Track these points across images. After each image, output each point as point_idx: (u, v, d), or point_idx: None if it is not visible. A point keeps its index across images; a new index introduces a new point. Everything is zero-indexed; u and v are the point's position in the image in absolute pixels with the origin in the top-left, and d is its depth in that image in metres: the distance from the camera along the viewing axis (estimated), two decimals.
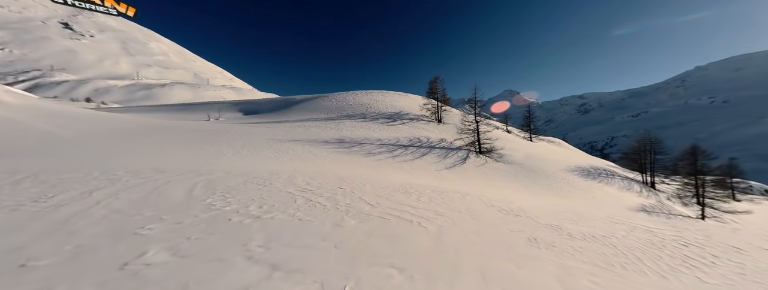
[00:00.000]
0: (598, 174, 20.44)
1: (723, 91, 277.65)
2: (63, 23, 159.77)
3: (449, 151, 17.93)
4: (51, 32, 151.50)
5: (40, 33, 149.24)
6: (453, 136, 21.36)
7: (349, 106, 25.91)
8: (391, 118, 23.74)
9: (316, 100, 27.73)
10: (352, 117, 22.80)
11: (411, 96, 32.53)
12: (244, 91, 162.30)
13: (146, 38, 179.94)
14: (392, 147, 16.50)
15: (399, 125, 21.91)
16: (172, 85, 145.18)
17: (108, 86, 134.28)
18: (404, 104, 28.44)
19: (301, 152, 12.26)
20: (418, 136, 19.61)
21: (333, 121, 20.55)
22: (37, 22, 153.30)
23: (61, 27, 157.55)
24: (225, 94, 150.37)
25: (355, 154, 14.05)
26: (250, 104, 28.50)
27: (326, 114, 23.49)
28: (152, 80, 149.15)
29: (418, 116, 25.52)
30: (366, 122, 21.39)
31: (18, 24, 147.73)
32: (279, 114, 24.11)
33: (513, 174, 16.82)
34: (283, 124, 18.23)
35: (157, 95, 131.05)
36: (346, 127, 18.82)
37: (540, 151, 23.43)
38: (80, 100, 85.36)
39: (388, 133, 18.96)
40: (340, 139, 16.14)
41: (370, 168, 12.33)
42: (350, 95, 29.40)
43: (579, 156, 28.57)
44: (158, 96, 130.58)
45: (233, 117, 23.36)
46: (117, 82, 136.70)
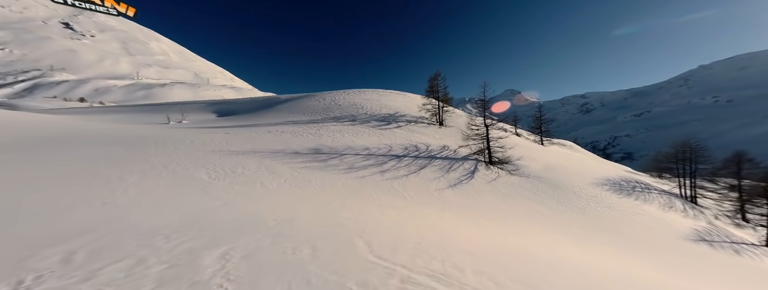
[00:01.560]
0: (632, 188, 16.79)
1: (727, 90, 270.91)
2: (64, 23, 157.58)
3: (453, 162, 14.39)
4: (52, 32, 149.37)
5: (40, 33, 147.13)
6: (457, 141, 17.79)
7: (337, 106, 22.38)
8: (384, 120, 20.19)
9: (302, 100, 24.21)
10: (339, 119, 19.28)
11: (409, 95, 28.93)
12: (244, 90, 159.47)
13: (147, 38, 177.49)
14: (382, 158, 12.99)
15: (393, 129, 18.37)
16: (172, 85, 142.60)
17: (108, 86, 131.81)
18: (401, 104, 24.85)
19: (254, 170, 8.80)
20: (416, 143, 16.06)
21: (315, 125, 17.05)
22: (38, 22, 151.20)
23: (62, 27, 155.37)
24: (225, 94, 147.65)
25: (332, 170, 10.57)
26: (227, 105, 25.11)
27: (309, 116, 19.98)
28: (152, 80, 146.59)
29: (416, 118, 21.94)
30: (354, 126, 17.86)
31: (19, 24, 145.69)
32: (256, 116, 20.67)
33: (533, 192, 13.23)
34: (252, 129, 14.78)
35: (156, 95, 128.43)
36: (329, 133, 15.30)
37: (558, 160, 19.80)
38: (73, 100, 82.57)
39: (378, 140, 15.44)
40: (317, 148, 12.64)
41: (347, 192, 8.84)
42: (341, 94, 25.86)
43: (601, 165, 24.85)
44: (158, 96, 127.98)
45: (203, 119, 20.00)
46: (117, 82, 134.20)
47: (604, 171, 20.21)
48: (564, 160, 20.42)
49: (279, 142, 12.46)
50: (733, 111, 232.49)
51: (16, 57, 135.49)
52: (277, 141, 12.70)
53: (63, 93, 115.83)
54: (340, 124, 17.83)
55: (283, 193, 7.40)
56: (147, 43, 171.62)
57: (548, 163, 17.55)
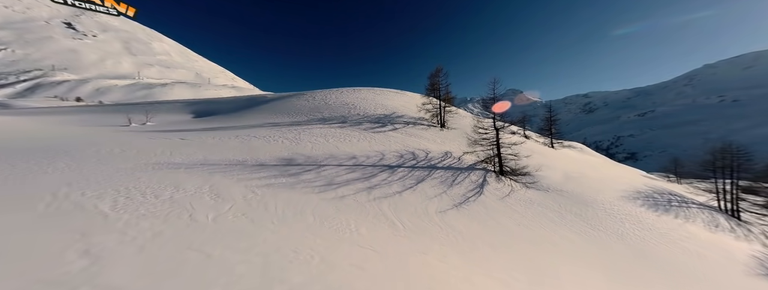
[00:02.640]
0: (668, 202, 14.16)
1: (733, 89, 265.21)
2: (66, 23, 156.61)
3: (457, 174, 11.88)
4: (54, 32, 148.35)
5: (43, 33, 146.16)
6: (461, 147, 15.27)
7: (327, 106, 19.89)
8: (379, 122, 17.68)
9: (289, 100, 21.74)
10: (326, 121, 16.81)
11: (408, 94, 26.39)
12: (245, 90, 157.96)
13: (149, 38, 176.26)
14: (371, 169, 10.52)
15: (388, 132, 15.86)
16: (173, 85, 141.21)
17: (109, 86, 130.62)
18: (398, 104, 22.32)
19: (191, 193, 6.37)
20: (413, 150, 13.56)
21: (296, 128, 14.57)
22: (41, 22, 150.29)
23: (64, 27, 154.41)
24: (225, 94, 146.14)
25: (303, 188, 8.12)
26: (208, 104, 22.72)
27: (293, 117, 17.52)
28: (153, 80, 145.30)
29: (414, 119, 19.42)
30: (343, 129, 15.38)
31: (21, 24, 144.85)
32: (235, 117, 18.25)
33: (556, 210, 10.69)
34: (218, 133, 12.35)
35: (157, 95, 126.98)
36: (310, 137, 12.82)
37: (576, 166, 17.19)
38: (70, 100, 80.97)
39: (369, 146, 12.95)
40: (290, 158, 10.17)
41: (316, 223, 6.39)
42: (333, 93, 23.38)
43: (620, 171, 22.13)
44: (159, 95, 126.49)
45: (175, 120, 17.62)
46: (118, 82, 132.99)
47: (627, 180, 17.58)
48: (582, 167, 17.81)
49: (243, 151, 10.01)
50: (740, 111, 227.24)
51: (19, 57, 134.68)
52: (242, 149, 10.24)
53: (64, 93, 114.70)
54: (327, 127, 15.35)
55: (212, 233, 4.96)
56: (149, 43, 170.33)
57: (567, 172, 14.97)
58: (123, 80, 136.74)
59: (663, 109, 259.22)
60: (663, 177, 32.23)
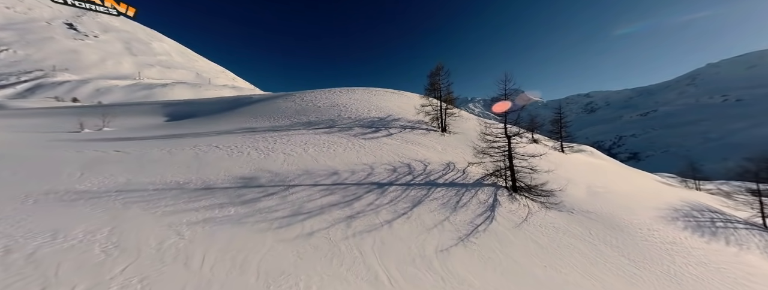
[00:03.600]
0: (711, 222, 11.84)
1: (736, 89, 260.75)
2: (67, 24, 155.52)
3: (462, 192, 9.65)
4: (55, 32, 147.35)
5: (44, 33, 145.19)
6: (464, 155, 13.03)
7: (315, 108, 17.67)
8: (372, 126, 15.45)
9: (275, 101, 19.54)
10: (312, 126, 14.60)
11: (406, 94, 24.12)
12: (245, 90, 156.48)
13: (149, 38, 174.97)
14: (355, 189, 8.31)
15: (381, 139, 13.62)
16: (173, 85, 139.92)
17: (109, 86, 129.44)
18: (395, 106, 20.07)
19: (72, 241, 4.23)
20: (409, 160, 11.32)
21: (273, 135, 12.36)
22: (42, 23, 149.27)
23: (66, 27, 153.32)
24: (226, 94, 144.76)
25: (257, 222, 5.93)
26: (187, 105, 20.54)
27: (275, 121, 15.33)
28: (154, 80, 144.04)
29: (412, 123, 17.18)
30: (330, 135, 13.16)
31: (23, 24, 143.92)
32: (211, 120, 16.10)
33: (587, 240, 8.43)
34: (174, 142, 10.17)
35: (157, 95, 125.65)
36: (285, 147, 10.61)
37: (598, 177, 14.88)
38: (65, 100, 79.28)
39: (356, 157, 10.73)
40: (252, 176, 7.98)
41: (259, 285, 4.23)
42: (324, 94, 21.16)
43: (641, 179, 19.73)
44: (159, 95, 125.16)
45: (144, 124, 15.46)
46: (118, 82, 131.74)
47: (655, 192, 15.27)
48: (603, 177, 15.50)
49: (191, 168, 7.82)
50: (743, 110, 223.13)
51: (20, 57, 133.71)
52: (190, 165, 8.05)
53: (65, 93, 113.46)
54: (310, 133, 13.13)
55: None
56: (149, 44, 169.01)
57: (590, 186, 12.67)
58: (123, 80, 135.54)
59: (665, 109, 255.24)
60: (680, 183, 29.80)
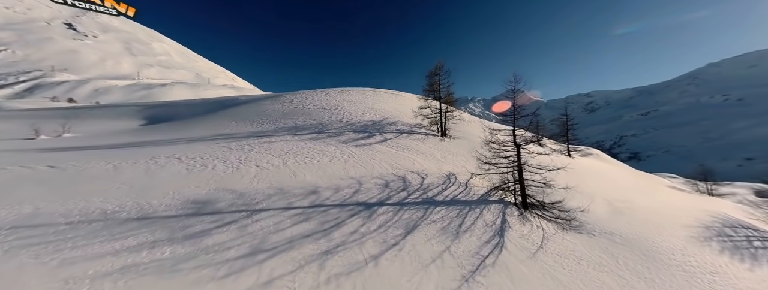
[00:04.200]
0: (747, 240, 10.33)
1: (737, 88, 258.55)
2: (67, 24, 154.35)
3: (464, 210, 8.18)
4: (54, 33, 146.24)
5: (43, 33, 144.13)
6: (467, 164, 11.55)
7: (304, 111, 16.18)
8: (365, 131, 13.96)
9: (262, 103, 18.05)
10: (298, 131, 13.12)
11: (403, 95, 22.61)
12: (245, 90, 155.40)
13: (149, 38, 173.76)
14: (337, 212, 6.85)
15: (375, 145, 12.13)
16: (172, 85, 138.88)
17: (108, 86, 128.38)
18: (392, 108, 18.57)
19: None
20: (404, 172, 9.84)
21: (250, 142, 10.88)
22: (42, 23, 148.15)
23: (65, 27, 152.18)
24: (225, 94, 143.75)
25: (196, 268, 4.49)
26: (168, 108, 19.00)
27: (258, 125, 13.85)
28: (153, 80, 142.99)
29: (409, 127, 15.69)
30: (317, 142, 11.68)
31: (22, 25, 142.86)
32: (189, 124, 14.63)
33: (617, 275, 6.93)
34: (128, 153, 8.69)
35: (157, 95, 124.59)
36: (260, 158, 9.13)
37: (616, 187, 13.37)
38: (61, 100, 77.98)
39: (343, 169, 9.25)
40: (208, 199, 6.50)
41: None
42: (316, 95, 19.67)
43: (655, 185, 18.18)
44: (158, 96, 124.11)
45: (113, 129, 13.99)
46: (117, 82, 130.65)
47: (680, 205, 13.75)
48: (620, 187, 13.99)
49: (134, 188, 6.36)
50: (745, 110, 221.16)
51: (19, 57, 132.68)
52: (135, 183, 6.59)
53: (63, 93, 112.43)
54: (295, 140, 11.65)
55: None
56: (149, 44, 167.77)
57: (610, 200, 11.16)
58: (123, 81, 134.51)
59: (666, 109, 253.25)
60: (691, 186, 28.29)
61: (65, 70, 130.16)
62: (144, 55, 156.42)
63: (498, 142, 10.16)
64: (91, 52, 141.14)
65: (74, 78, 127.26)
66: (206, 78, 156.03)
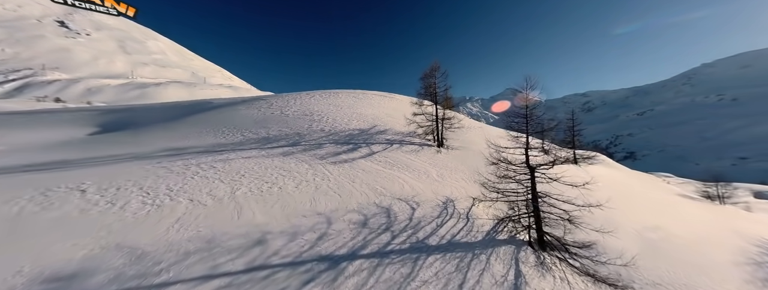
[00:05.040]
0: None
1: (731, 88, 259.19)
2: (59, 22, 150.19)
3: (465, 257, 6.12)
4: (46, 31, 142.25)
5: (34, 31, 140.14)
6: (466, 184, 9.46)
7: (282, 118, 14.01)
8: (349, 142, 11.84)
9: (237, 107, 15.85)
10: (268, 144, 10.97)
11: (397, 98, 20.49)
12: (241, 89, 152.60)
13: (144, 37, 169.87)
14: (287, 275, 4.78)
15: (358, 161, 10.03)
16: (167, 84, 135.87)
17: (100, 85, 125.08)
18: (383, 112, 16.46)
19: None
20: (390, 200, 7.72)
21: (204, 160, 8.73)
22: (32, 21, 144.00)
23: (57, 25, 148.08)
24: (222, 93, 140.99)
25: None
26: (130, 112, 16.58)
27: (223, 136, 11.67)
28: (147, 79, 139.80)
29: (402, 135, 13.59)
30: (286, 159, 9.55)
31: (12, 22, 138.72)
32: (146, 132, 12.43)
33: None
34: (22, 179, 6.55)
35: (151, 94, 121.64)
36: (202, 186, 6.97)
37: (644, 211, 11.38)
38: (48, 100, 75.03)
39: (309, 200, 7.10)
40: (73, 273, 4.30)
41: None
42: (299, 98, 17.48)
43: (695, 212, 16.15)
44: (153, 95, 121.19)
45: (52, 140, 11.68)
46: (110, 81, 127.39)
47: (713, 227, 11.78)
48: (641, 205, 12.01)
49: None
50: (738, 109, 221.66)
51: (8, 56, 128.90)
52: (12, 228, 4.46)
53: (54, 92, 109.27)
54: (260, 156, 9.51)
55: None
56: (144, 42, 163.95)
57: (640, 230, 9.15)
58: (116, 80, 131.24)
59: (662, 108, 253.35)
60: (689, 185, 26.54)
61: (56, 69, 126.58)
62: (138, 53, 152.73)
63: (505, 161, 8.06)
64: (84, 51, 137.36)
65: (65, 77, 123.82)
66: (202, 77, 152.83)
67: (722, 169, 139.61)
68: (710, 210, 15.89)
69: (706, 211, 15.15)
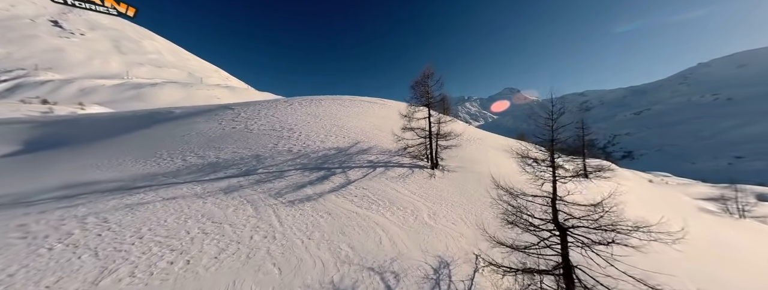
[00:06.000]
0: None
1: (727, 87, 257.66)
2: (52, 21, 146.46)
3: None
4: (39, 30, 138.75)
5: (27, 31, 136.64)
6: (470, 230, 6.95)
7: (243, 134, 11.44)
8: (320, 167, 9.32)
9: (194, 120, 13.23)
10: (212, 172, 8.43)
11: (389, 104, 17.90)
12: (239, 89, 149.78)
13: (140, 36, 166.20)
14: None
15: (324, 198, 7.52)
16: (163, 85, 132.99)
17: (94, 86, 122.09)
18: (370, 124, 13.91)
19: None
20: (355, 275, 5.25)
21: (106, 202, 6.24)
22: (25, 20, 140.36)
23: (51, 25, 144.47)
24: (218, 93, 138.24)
25: None
26: (67, 125, 13.75)
27: (156, 161, 9.10)
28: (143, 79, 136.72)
29: (389, 154, 11.08)
30: (226, 198, 7.03)
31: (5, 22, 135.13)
32: (70, 154, 9.89)
33: None
34: None
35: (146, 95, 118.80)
36: (41, 272, 4.52)
37: (685, 249, 8.96)
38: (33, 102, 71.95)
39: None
40: None
41: None
42: (272, 108, 14.87)
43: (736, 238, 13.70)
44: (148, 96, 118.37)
45: None
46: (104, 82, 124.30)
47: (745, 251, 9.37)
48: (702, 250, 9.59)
49: None
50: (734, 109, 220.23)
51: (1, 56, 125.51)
52: None
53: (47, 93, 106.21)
54: (190, 195, 6.98)
55: None
56: (140, 42, 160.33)
57: (696, 282, 6.70)
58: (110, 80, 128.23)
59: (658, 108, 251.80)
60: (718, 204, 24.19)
61: (50, 69, 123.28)
62: (134, 53, 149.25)
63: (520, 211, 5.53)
64: (78, 51, 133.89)
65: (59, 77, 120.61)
66: (199, 77, 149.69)
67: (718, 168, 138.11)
68: (747, 237, 13.44)
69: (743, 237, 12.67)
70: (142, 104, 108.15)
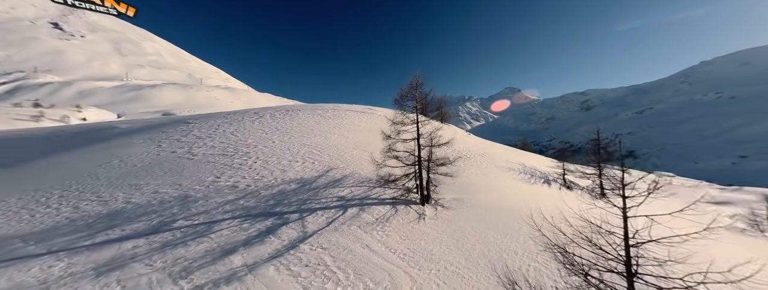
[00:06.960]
0: None
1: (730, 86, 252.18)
2: (52, 23, 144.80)
3: None
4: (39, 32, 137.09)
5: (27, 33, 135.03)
6: None
7: (181, 162, 8.86)
8: (269, 212, 6.73)
9: (130, 140, 10.59)
10: (110, 227, 5.88)
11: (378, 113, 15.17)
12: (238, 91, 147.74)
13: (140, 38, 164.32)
14: None
15: (257, 273, 4.98)
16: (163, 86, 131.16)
17: (94, 88, 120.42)
18: (351, 143, 11.24)
19: None
20: None
21: None
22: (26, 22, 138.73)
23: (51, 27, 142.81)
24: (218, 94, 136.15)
25: None
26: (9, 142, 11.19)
27: (31, 212, 6.61)
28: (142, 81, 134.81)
29: (369, 186, 8.44)
30: (105, 279, 4.50)
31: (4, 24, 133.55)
32: None
33: None
34: None
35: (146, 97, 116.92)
36: None
37: None
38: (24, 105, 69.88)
39: None
40: None
41: None
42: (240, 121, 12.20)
43: None
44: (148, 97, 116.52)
45: None
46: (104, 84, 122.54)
47: None
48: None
49: None
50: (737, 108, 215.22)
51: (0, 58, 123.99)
52: None
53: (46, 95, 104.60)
54: (36, 282, 4.46)
55: None
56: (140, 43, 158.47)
57: None
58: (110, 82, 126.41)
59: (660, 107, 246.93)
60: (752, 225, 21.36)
61: (49, 72, 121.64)
62: (134, 55, 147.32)
63: None
64: (78, 53, 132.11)
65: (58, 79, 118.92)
66: (198, 78, 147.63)
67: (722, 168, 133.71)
68: None
69: None
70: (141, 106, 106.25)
